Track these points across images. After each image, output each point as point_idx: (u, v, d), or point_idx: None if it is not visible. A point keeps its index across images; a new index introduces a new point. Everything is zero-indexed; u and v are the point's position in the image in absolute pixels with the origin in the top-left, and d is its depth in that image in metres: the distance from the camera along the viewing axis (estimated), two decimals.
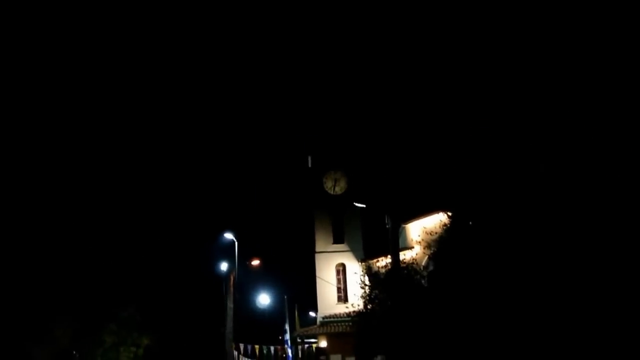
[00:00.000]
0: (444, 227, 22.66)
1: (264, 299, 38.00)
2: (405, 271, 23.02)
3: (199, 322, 43.70)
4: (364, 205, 23.07)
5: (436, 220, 31.10)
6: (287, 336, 42.37)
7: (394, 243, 20.83)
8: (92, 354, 32.04)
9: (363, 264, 38.06)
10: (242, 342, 36.29)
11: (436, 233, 23.54)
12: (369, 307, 23.27)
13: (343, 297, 38.85)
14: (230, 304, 28.12)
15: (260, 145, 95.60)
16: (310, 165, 41.24)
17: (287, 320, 42.49)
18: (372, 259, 37.50)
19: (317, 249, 39.49)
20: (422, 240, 23.34)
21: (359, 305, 24.55)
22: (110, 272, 33.92)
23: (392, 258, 20.72)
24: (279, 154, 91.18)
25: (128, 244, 37.27)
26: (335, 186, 39.79)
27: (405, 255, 25.69)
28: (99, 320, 31.79)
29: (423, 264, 25.36)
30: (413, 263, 22.84)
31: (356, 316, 23.85)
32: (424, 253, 23.58)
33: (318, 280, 38.98)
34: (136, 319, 33.87)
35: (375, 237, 41.23)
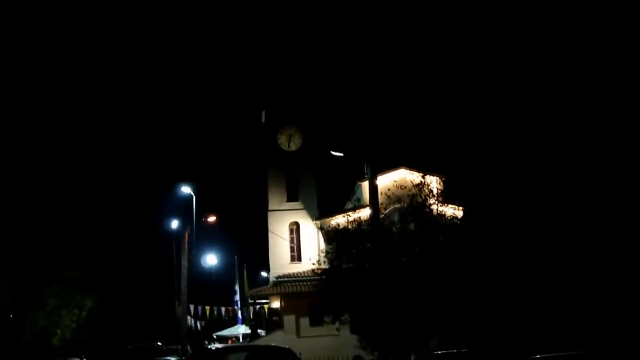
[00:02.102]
0: (416, 186, 22.08)
1: (211, 260, 36.48)
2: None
3: (147, 283, 42.13)
4: (342, 154, 21.79)
5: (396, 177, 30.58)
6: (237, 297, 41.27)
7: (374, 193, 19.64)
8: (35, 317, 30.09)
9: (318, 222, 37.14)
10: (192, 304, 34.86)
11: (406, 187, 22.94)
12: (335, 263, 22.21)
13: (297, 257, 37.75)
14: (185, 263, 26.63)
15: (214, 99, 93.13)
16: (264, 121, 39.63)
17: (238, 281, 41.34)
18: (328, 217, 36.57)
19: (271, 207, 38.10)
20: (393, 194, 22.41)
21: (323, 263, 23.40)
22: (54, 227, 31.77)
23: (371, 209, 19.60)
24: (232, 108, 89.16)
25: (72, 200, 35.10)
26: (290, 142, 38.32)
27: (361, 213, 24.71)
28: (42, 280, 29.77)
29: (386, 212, 24.41)
30: (385, 219, 21.94)
31: (322, 274, 22.73)
32: (395, 208, 22.63)
33: (271, 240, 37.68)
34: (80, 280, 31.96)
35: (330, 195, 40.36)
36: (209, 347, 27.29)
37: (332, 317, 23.05)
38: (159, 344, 32.60)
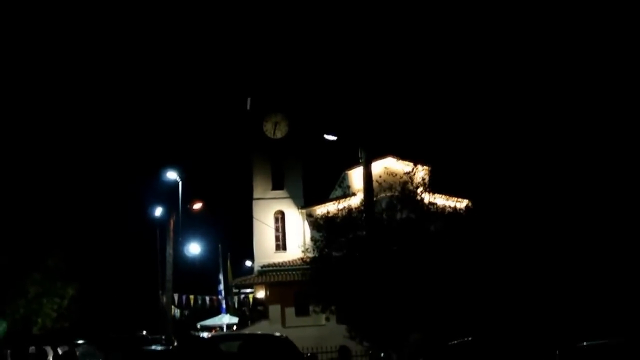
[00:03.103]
0: (406, 173, 21.94)
1: (194, 248, 35.93)
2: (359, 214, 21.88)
3: (130, 271, 41.47)
4: (335, 138, 21.40)
5: (384, 165, 30.30)
6: (221, 286, 40.88)
7: (368, 178, 19.22)
8: (15, 305, 29.40)
9: (303, 210, 36.79)
10: (175, 292, 34.33)
11: (397, 175, 22.75)
12: (324, 251, 21.89)
13: (281, 246, 37.40)
14: (170, 251, 26.12)
15: (199, 85, 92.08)
16: (249, 108, 39.11)
17: (221, 270, 40.95)
18: (313, 205, 36.26)
19: (255, 195, 37.71)
20: (384, 181, 22.10)
21: (313, 251, 23.04)
22: (35, 214, 31.02)
23: (365, 196, 19.25)
24: (217, 94, 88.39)
25: (53, 186, 34.31)
26: (275, 130, 37.88)
27: (350, 201, 24.41)
28: (23, 268, 29.05)
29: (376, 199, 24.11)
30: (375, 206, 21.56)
31: (311, 262, 22.41)
32: (386, 195, 22.33)
33: (255, 228, 37.30)
34: (61, 268, 31.28)
35: (315, 184, 40.03)
36: (202, 335, 26.84)
37: (321, 306, 22.73)
38: (144, 332, 32.10)
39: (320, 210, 32.41)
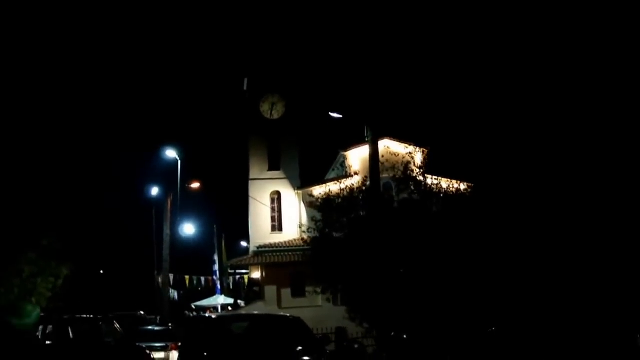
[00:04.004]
0: (408, 153, 21.91)
1: (188, 229, 35.66)
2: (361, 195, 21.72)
3: (125, 251, 41.15)
4: (340, 116, 21.05)
5: (381, 147, 30.09)
6: (216, 267, 40.68)
7: (374, 157, 18.96)
8: (10, 285, 28.94)
9: (299, 191, 36.60)
10: (171, 273, 34.12)
11: (399, 154, 22.70)
12: (325, 231, 21.68)
13: (277, 227, 37.18)
14: (167, 231, 25.79)
15: (196, 65, 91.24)
16: (246, 88, 38.70)
17: (217, 251, 40.74)
18: (310, 186, 36.11)
19: (252, 175, 37.44)
20: (387, 160, 21.91)
21: (313, 231, 22.81)
22: (30, 193, 30.50)
23: (370, 175, 19.01)
24: (214, 75, 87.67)
25: (48, 165, 33.76)
26: (272, 110, 37.52)
27: (348, 182, 24.22)
28: (18, 247, 28.56)
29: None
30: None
31: (312, 242, 22.18)
32: (388, 175, 22.13)
33: (251, 209, 37.06)
34: (56, 247, 30.81)
35: (311, 165, 39.83)
36: (209, 315, 26.51)
37: (321, 287, 22.55)
38: (142, 312, 31.84)
39: (318, 190, 32.22)
